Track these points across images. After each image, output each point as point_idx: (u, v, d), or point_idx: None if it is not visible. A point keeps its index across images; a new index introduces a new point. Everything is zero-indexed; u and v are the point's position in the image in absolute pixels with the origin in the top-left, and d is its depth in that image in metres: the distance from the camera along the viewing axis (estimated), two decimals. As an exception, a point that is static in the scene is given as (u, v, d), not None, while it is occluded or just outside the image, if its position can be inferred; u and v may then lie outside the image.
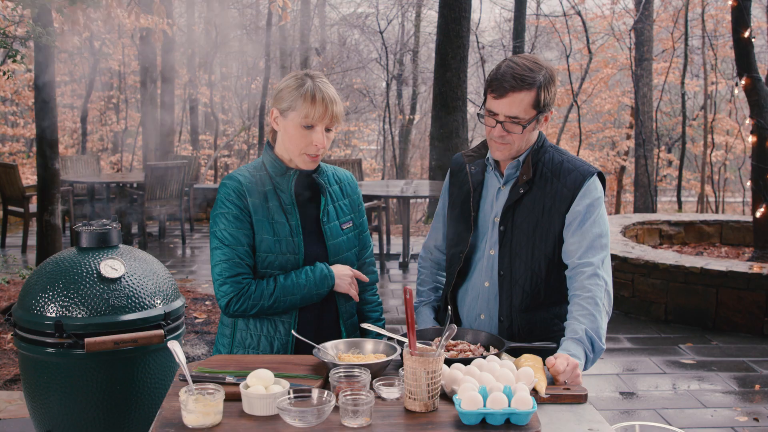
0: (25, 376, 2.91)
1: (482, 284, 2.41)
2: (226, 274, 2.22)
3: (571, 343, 2.11)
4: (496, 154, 2.34)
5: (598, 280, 2.20)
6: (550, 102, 2.29)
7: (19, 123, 18.76)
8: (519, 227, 2.33)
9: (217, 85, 19.16)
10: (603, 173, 2.37)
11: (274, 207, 2.28)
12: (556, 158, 2.36)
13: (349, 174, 2.51)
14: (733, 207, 19.17)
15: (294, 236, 2.27)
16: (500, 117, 2.26)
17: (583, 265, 2.23)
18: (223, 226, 2.25)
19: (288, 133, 2.25)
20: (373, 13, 18.26)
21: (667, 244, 8.16)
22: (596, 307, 2.16)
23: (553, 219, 2.31)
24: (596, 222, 2.27)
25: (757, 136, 6.91)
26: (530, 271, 2.32)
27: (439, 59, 11.63)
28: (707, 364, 5.09)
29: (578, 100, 15.92)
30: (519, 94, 2.22)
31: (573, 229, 2.28)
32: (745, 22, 6.93)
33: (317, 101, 2.20)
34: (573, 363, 1.98)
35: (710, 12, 15.99)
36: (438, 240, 2.62)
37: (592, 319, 2.14)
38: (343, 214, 2.41)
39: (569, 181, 2.31)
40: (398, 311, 6.37)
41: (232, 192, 2.27)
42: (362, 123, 22.28)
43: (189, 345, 5.15)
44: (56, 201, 6.06)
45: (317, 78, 2.26)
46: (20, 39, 5.66)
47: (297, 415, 1.66)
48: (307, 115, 2.21)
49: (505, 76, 2.23)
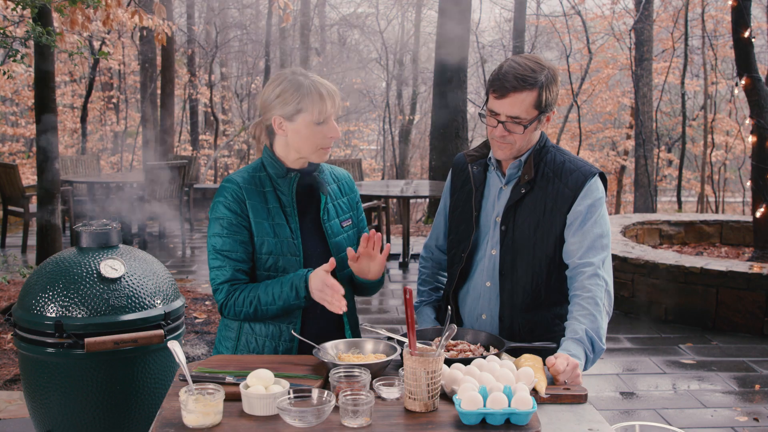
0: (25, 376, 2.91)
1: (484, 284, 2.41)
2: (219, 280, 2.25)
3: (571, 343, 2.11)
4: (497, 153, 2.34)
5: (598, 280, 2.20)
6: (552, 102, 2.29)
7: (19, 123, 18.77)
8: (520, 227, 2.33)
9: (217, 85, 19.15)
10: (605, 173, 2.37)
11: (274, 209, 2.28)
12: (558, 158, 2.36)
13: (346, 173, 2.51)
14: (733, 207, 19.16)
15: (294, 239, 2.27)
16: (502, 117, 2.25)
17: (583, 265, 2.23)
18: (217, 231, 2.25)
19: (300, 134, 2.25)
20: (373, 13, 18.27)
21: (667, 244, 8.16)
22: (596, 308, 2.16)
23: (555, 219, 2.31)
24: (597, 222, 2.27)
25: (757, 136, 6.90)
26: (531, 270, 2.32)
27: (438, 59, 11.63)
28: (707, 364, 5.09)
29: (578, 100, 15.92)
30: (521, 95, 2.22)
31: (574, 229, 2.28)
32: (745, 22, 6.93)
33: (325, 96, 2.22)
34: (573, 363, 1.98)
35: (710, 12, 15.99)
36: (439, 240, 2.62)
37: (592, 319, 2.14)
38: (342, 212, 2.41)
39: (571, 181, 2.31)
40: (398, 311, 6.36)
41: (230, 196, 2.26)
42: (362, 123, 22.28)
43: (189, 345, 5.15)
44: (56, 201, 6.06)
45: (308, 74, 2.26)
46: (20, 39, 5.66)
47: (297, 415, 1.66)
48: (321, 111, 2.22)
49: (506, 76, 2.22)
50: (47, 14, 5.70)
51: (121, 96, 18.81)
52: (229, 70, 20.78)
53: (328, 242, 2.34)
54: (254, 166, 2.35)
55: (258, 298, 2.21)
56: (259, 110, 2.36)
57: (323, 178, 2.39)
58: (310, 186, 2.37)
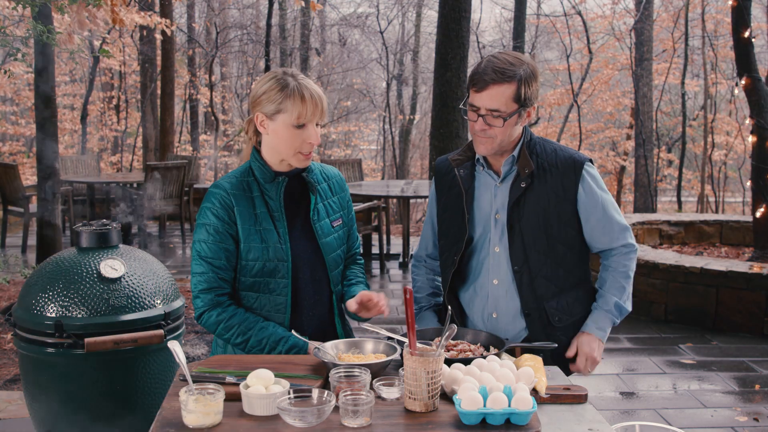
0: (25, 376, 2.91)
1: (490, 283, 2.41)
2: (200, 287, 2.25)
3: (601, 313, 2.42)
4: (479, 148, 2.36)
5: (632, 255, 2.45)
6: (532, 97, 2.31)
7: (19, 123, 18.76)
8: (528, 220, 2.35)
9: (217, 85, 19.15)
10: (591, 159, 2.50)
11: (261, 214, 2.27)
12: (548, 148, 2.41)
13: (337, 171, 2.50)
14: (733, 207, 19.14)
15: (282, 243, 2.26)
16: (482, 111, 2.29)
17: (620, 248, 2.44)
18: (203, 237, 2.25)
19: (279, 135, 2.23)
20: (373, 13, 18.25)
21: (667, 244, 8.16)
22: (627, 279, 2.44)
23: (563, 206, 2.35)
24: (610, 205, 2.41)
25: (757, 136, 6.90)
26: (548, 259, 2.36)
27: (439, 59, 11.62)
28: (707, 364, 5.09)
29: (578, 100, 15.91)
30: (500, 87, 2.25)
31: (596, 219, 2.39)
32: (745, 22, 6.93)
33: (307, 99, 2.19)
34: (592, 359, 2.38)
35: (710, 12, 15.98)
36: (429, 248, 2.62)
37: (622, 291, 2.42)
38: (333, 212, 2.39)
39: (568, 167, 2.37)
40: (398, 311, 6.36)
41: (217, 202, 2.25)
42: (362, 123, 22.27)
43: (189, 345, 5.16)
44: (56, 201, 6.06)
45: (298, 76, 2.24)
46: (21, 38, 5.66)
47: (297, 415, 1.66)
48: (300, 115, 2.19)
49: (486, 70, 2.27)
50: (47, 13, 5.70)
51: (122, 96, 18.80)
52: (229, 70, 20.77)
53: (318, 242, 2.32)
54: (242, 171, 2.34)
55: (247, 342, 2.23)
56: (248, 106, 2.37)
57: (313, 178, 2.37)
58: (301, 186, 2.35)
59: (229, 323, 2.23)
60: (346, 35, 19.26)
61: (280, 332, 2.24)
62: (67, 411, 2.79)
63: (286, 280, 2.27)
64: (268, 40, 11.09)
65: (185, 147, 18.41)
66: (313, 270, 2.32)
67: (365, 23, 18.50)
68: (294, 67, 17.78)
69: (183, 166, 9.00)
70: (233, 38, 17.64)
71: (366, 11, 19.07)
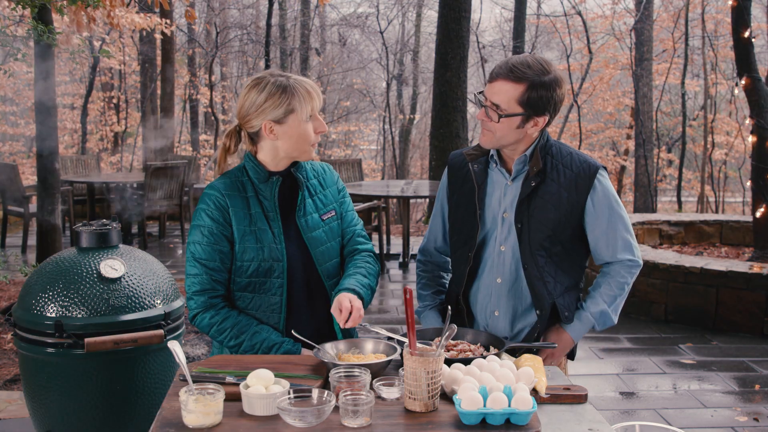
0: (25, 376, 2.91)
1: (494, 281, 2.40)
2: (194, 289, 2.26)
3: (587, 318, 2.42)
4: (481, 138, 2.38)
5: (634, 270, 2.44)
6: (542, 106, 2.28)
7: (19, 123, 18.76)
8: (536, 219, 2.34)
9: (217, 85, 19.14)
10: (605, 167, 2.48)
11: (256, 214, 2.27)
12: (563, 150, 2.41)
13: (327, 165, 2.50)
14: (733, 207, 19.14)
15: (277, 243, 2.26)
16: (486, 102, 2.30)
17: (623, 261, 2.43)
18: (198, 239, 2.25)
19: (294, 134, 2.24)
20: (373, 13, 18.24)
21: (667, 244, 8.16)
22: (621, 292, 2.43)
23: (572, 207, 2.34)
24: (618, 220, 2.39)
25: (757, 136, 6.90)
26: (555, 258, 2.37)
27: (439, 59, 11.61)
28: (707, 364, 5.09)
29: (578, 100, 15.91)
30: (506, 84, 2.25)
31: (600, 232, 2.38)
32: (745, 22, 6.93)
33: (311, 92, 2.25)
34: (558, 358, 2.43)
35: (710, 12, 15.98)
36: (438, 241, 2.59)
37: (612, 300, 2.42)
38: (323, 206, 2.39)
39: (582, 171, 2.36)
40: (398, 311, 6.36)
41: (212, 204, 2.26)
42: (362, 123, 22.26)
43: (189, 345, 5.15)
44: (56, 201, 6.06)
45: (286, 74, 2.27)
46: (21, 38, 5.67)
47: (297, 415, 1.66)
48: (313, 108, 2.25)
49: (502, 64, 2.29)
50: (47, 13, 5.70)
51: (122, 96, 18.80)
52: (229, 70, 20.77)
53: (303, 237, 2.31)
54: (236, 171, 2.34)
55: (240, 346, 2.24)
56: (239, 118, 2.31)
57: (303, 175, 2.37)
58: (292, 186, 2.36)
59: (221, 326, 2.24)
60: (346, 35, 19.25)
61: (273, 338, 2.24)
62: (67, 411, 2.79)
63: (281, 279, 2.27)
64: (268, 40, 11.09)
65: (185, 147, 18.41)
66: (307, 268, 2.33)
67: (365, 23, 18.49)
68: (294, 67, 17.80)
69: (183, 166, 9.00)
70: (233, 38, 17.64)
71: (366, 11, 19.06)
